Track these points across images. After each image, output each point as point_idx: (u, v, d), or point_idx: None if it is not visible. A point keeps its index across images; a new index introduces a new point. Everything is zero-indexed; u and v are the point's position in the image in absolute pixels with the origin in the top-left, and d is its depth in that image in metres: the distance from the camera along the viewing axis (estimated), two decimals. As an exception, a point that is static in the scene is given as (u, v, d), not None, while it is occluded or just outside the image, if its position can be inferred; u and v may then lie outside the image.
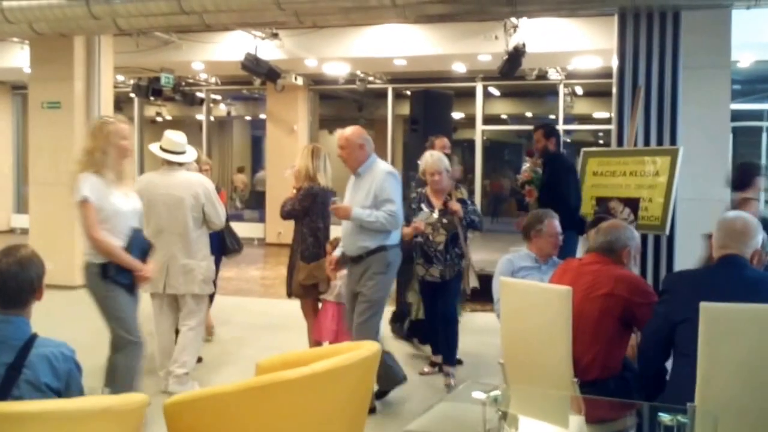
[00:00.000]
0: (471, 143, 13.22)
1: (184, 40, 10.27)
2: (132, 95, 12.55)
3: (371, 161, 4.42)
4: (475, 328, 6.36)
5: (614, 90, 6.45)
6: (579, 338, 3.16)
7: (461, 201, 5.11)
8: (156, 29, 8.50)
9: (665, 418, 2.32)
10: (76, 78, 8.56)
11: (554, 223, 4.28)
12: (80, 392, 2.39)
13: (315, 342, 4.97)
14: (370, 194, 4.31)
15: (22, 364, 2.24)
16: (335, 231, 5.16)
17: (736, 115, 8.85)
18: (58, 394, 2.30)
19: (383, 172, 4.36)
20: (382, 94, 13.54)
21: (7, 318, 2.32)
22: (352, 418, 2.76)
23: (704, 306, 2.67)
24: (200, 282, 4.67)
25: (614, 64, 6.47)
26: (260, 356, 3.88)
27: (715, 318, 2.68)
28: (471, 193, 8.53)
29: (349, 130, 4.43)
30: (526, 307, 3.44)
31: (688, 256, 5.60)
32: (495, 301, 4.24)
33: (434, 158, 5.07)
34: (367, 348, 2.73)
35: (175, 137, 4.72)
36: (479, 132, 12.67)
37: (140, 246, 3.86)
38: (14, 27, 7.61)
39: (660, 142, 6.20)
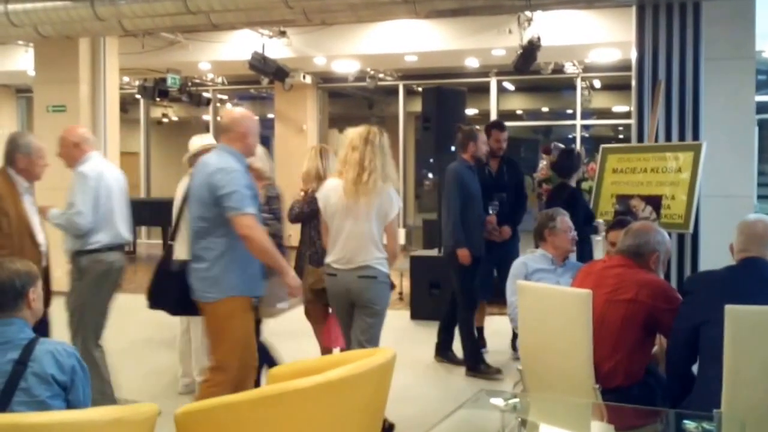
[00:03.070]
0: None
1: (190, 40, 10.20)
2: (138, 96, 12.49)
3: (84, 160, 4.32)
4: (489, 331, 6.21)
5: (633, 84, 6.28)
6: (601, 344, 3.09)
7: None
8: (162, 30, 8.42)
9: (690, 425, 2.33)
10: (81, 80, 8.50)
11: (566, 218, 4.20)
12: (86, 390, 2.49)
13: (325, 349, 4.85)
14: None
15: (28, 358, 2.37)
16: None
17: (762, 108, 8.66)
18: (64, 388, 2.41)
19: (76, 173, 4.25)
20: (392, 91, 13.41)
21: (8, 320, 2.46)
22: (367, 428, 2.70)
23: (729, 308, 2.61)
24: None
25: (633, 56, 6.31)
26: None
27: (740, 320, 2.62)
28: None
29: (66, 129, 4.42)
30: (544, 312, 3.36)
31: (713, 255, 5.44)
32: (508, 305, 4.17)
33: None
34: (382, 355, 2.66)
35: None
36: (493, 128, 12.51)
37: None
38: (19, 30, 7.57)
39: (682, 137, 6.05)
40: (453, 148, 6.78)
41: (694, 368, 2.93)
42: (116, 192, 4.41)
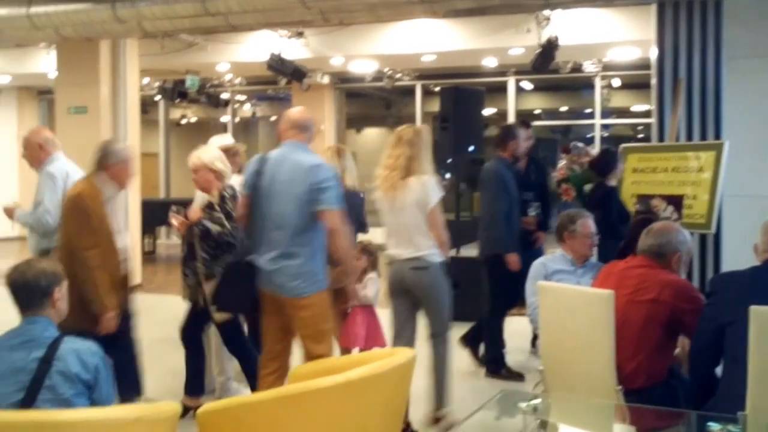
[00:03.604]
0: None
1: (209, 42, 10.24)
2: (157, 98, 12.58)
3: (49, 161, 4.46)
4: (508, 331, 6.17)
5: (654, 82, 6.22)
6: (623, 345, 3.06)
7: (209, 206, 4.25)
8: (181, 31, 8.45)
9: (715, 427, 2.28)
10: (101, 82, 8.58)
11: (588, 222, 4.14)
12: (109, 389, 2.51)
13: (344, 349, 4.84)
14: None
15: (53, 356, 2.40)
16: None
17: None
18: (88, 386, 2.43)
19: (42, 172, 4.43)
20: (410, 91, 13.38)
21: (34, 318, 2.50)
22: (387, 427, 2.70)
23: (754, 309, 2.56)
24: None
25: (653, 55, 6.24)
26: (292, 364, 3.81)
27: (765, 321, 2.57)
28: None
29: (30, 131, 4.56)
30: (565, 312, 3.33)
31: (735, 256, 5.38)
32: (528, 306, 4.16)
33: (197, 151, 4.39)
34: (402, 355, 2.67)
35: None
36: (511, 128, 12.42)
37: None
38: (41, 33, 7.65)
39: (703, 137, 5.98)
40: (471, 148, 6.76)
41: (718, 370, 2.90)
42: None
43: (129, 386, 3.90)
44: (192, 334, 4.46)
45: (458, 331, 5.71)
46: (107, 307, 3.74)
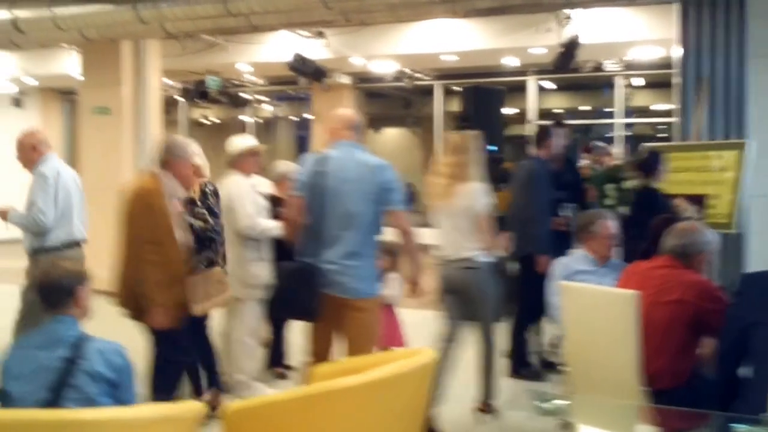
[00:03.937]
0: (523, 140, 12.91)
1: (229, 42, 10.29)
2: (177, 98, 12.66)
3: (41, 161, 4.56)
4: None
5: (677, 81, 6.16)
6: (647, 345, 3.06)
7: (190, 201, 4.24)
8: (203, 32, 8.52)
9: (740, 428, 2.27)
10: (123, 83, 8.64)
11: (607, 223, 4.13)
12: (131, 389, 2.54)
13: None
14: None
15: (78, 355, 2.42)
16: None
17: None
18: (113, 385, 2.45)
19: (36, 173, 4.52)
20: (429, 91, 13.36)
21: (58, 318, 2.53)
22: (409, 426, 2.72)
23: None
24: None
25: (676, 54, 6.19)
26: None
27: None
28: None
29: (23, 133, 4.65)
30: (590, 313, 3.33)
31: (759, 256, 5.32)
32: (549, 305, 4.16)
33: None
34: (424, 355, 2.68)
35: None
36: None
37: None
38: (65, 34, 7.72)
39: (727, 136, 5.91)
40: (492, 147, 6.73)
41: (744, 371, 2.87)
42: (74, 191, 4.63)
43: (168, 385, 3.83)
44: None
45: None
46: (156, 302, 3.67)
